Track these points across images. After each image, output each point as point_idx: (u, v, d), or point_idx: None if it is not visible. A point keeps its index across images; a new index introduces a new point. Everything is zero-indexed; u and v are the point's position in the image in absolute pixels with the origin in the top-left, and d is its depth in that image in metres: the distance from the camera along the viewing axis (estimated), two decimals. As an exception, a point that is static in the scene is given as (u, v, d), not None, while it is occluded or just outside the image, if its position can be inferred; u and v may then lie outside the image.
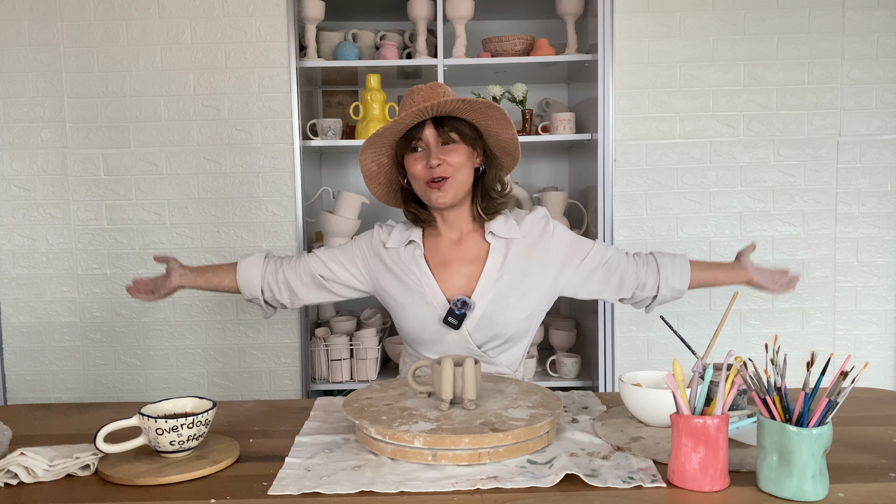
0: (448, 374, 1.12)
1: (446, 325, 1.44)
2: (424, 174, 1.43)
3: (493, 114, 1.44)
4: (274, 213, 2.32)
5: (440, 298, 1.47)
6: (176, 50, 2.28)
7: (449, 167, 1.42)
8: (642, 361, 2.35)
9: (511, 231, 1.50)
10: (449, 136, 1.44)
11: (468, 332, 1.45)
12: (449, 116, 1.44)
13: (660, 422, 1.15)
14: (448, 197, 1.44)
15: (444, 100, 1.37)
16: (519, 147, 1.51)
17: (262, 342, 2.36)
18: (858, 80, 2.32)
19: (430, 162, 1.41)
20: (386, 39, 2.51)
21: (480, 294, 1.46)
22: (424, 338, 1.48)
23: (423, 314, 1.47)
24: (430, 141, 1.43)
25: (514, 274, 1.47)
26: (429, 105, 1.37)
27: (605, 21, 2.26)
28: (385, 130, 1.43)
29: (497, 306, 1.45)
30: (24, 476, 0.99)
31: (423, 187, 1.45)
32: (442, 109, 1.40)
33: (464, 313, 1.44)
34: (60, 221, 2.32)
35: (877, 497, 0.91)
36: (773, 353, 0.97)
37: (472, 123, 1.46)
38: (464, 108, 1.41)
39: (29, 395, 2.37)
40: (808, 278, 2.36)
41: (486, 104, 1.40)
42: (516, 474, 0.98)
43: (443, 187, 1.43)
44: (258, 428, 1.22)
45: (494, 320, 1.45)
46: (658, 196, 2.33)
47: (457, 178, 1.44)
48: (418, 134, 1.44)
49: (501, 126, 1.47)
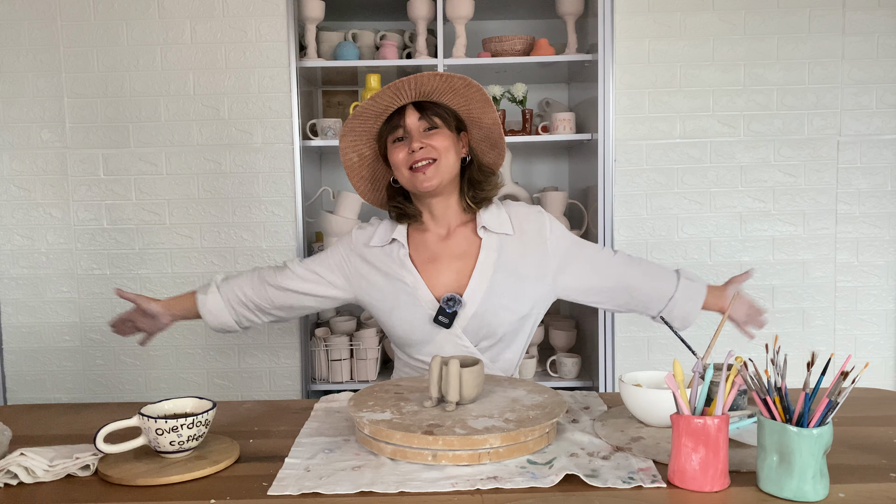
0: (454, 374, 1.11)
1: (437, 325, 1.41)
2: (407, 159, 1.39)
3: (473, 94, 1.40)
4: (274, 213, 2.32)
5: (428, 297, 1.43)
6: (176, 50, 2.28)
7: (434, 150, 1.39)
8: (642, 361, 2.35)
9: (503, 226, 1.46)
10: (432, 121, 1.40)
11: (460, 331, 1.42)
12: (431, 102, 1.42)
13: (660, 422, 1.15)
14: (434, 180, 1.39)
15: (421, 74, 1.33)
16: (503, 135, 1.47)
17: (262, 342, 2.36)
18: (859, 80, 2.31)
19: (413, 146, 1.38)
20: (386, 39, 2.51)
21: (472, 291, 1.42)
22: (415, 339, 1.44)
23: (412, 315, 1.43)
24: (412, 126, 1.40)
25: (507, 272, 1.43)
26: (405, 81, 1.33)
27: (605, 21, 2.26)
28: (362, 111, 1.39)
29: (489, 305, 1.41)
30: (24, 476, 0.99)
31: (408, 174, 1.41)
32: (421, 89, 1.37)
33: (455, 311, 1.40)
34: (60, 221, 2.32)
35: (877, 497, 0.91)
36: (773, 354, 0.97)
37: (456, 113, 1.44)
38: (444, 87, 1.38)
39: (29, 395, 2.37)
40: (809, 278, 2.36)
41: (466, 83, 1.37)
42: (516, 474, 0.98)
43: (427, 171, 1.38)
44: (258, 428, 1.22)
45: (486, 320, 1.41)
46: (658, 196, 2.33)
47: (442, 161, 1.39)
48: (400, 121, 1.41)
49: (482, 109, 1.43)
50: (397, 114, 1.42)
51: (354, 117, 1.41)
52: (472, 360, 1.17)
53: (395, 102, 1.41)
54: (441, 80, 1.36)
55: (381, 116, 1.44)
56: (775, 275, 2.36)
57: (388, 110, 1.43)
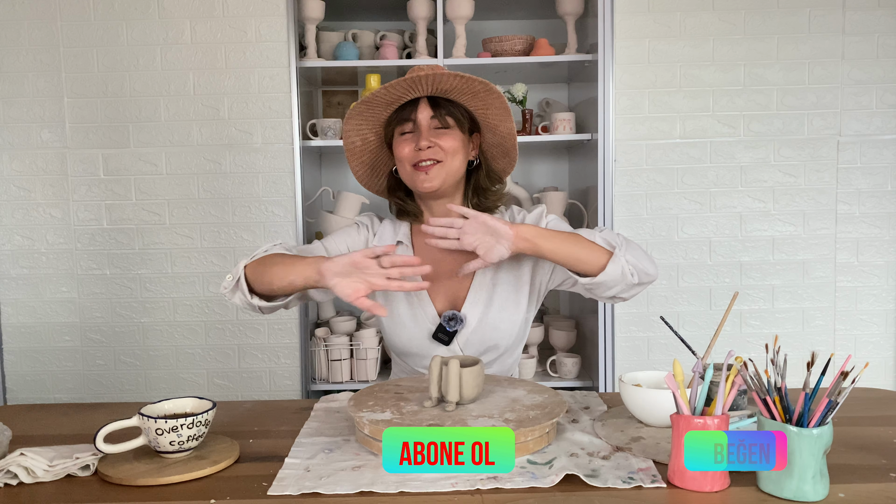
0: (454, 374, 1.11)
1: (436, 341, 1.37)
2: (412, 156, 1.32)
3: (493, 101, 1.32)
4: (274, 214, 2.32)
5: (430, 311, 1.38)
6: (176, 50, 2.28)
7: (441, 151, 1.31)
8: (642, 361, 2.35)
9: None
10: (445, 120, 1.33)
11: (459, 348, 1.39)
12: (446, 99, 1.34)
13: (660, 422, 1.15)
14: (436, 182, 1.32)
15: (442, 73, 1.25)
16: (517, 145, 1.40)
17: (262, 342, 2.36)
18: (858, 80, 2.31)
19: (420, 143, 1.30)
20: (386, 39, 2.51)
21: (471, 304, 1.38)
22: (412, 352, 1.41)
23: (412, 328, 1.39)
24: (423, 122, 1.33)
25: (507, 283, 1.39)
26: (423, 75, 1.25)
27: (605, 21, 2.26)
28: (374, 98, 1.30)
29: (490, 319, 1.38)
30: (24, 476, 0.99)
31: (410, 171, 1.34)
32: (438, 86, 1.29)
33: (455, 330, 1.36)
34: (60, 221, 2.32)
35: (877, 497, 0.91)
36: (773, 354, 0.97)
37: (471, 113, 1.37)
38: (462, 87, 1.30)
39: (29, 395, 2.37)
40: (809, 278, 2.36)
41: (487, 88, 1.29)
42: (516, 474, 0.98)
43: (430, 171, 1.31)
44: (258, 428, 1.22)
45: (487, 335, 1.38)
46: (658, 196, 2.33)
47: (448, 163, 1.32)
48: (411, 114, 1.33)
49: (500, 117, 1.35)
50: (410, 104, 1.34)
51: (364, 103, 1.32)
52: (472, 360, 1.17)
53: (408, 94, 1.33)
54: (461, 80, 1.28)
55: (393, 105, 1.35)
56: (775, 275, 2.36)
57: (401, 100, 1.35)
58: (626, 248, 1.26)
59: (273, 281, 1.26)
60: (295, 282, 1.24)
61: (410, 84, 1.28)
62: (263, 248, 1.34)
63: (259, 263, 1.29)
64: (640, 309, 2.34)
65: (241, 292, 1.29)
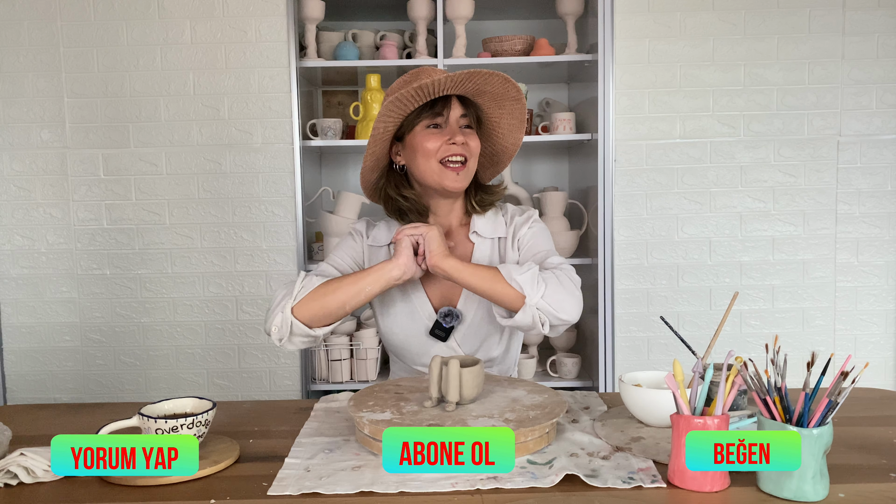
0: (454, 374, 1.11)
1: (433, 338, 1.38)
2: (443, 151, 1.32)
3: (516, 110, 1.36)
4: (274, 213, 2.32)
5: (427, 308, 1.39)
6: (176, 50, 2.28)
7: (469, 150, 1.34)
8: (642, 361, 2.35)
9: (497, 230, 1.42)
10: (473, 120, 1.36)
11: (457, 344, 1.40)
12: (469, 100, 1.36)
13: (660, 422, 1.15)
14: (465, 183, 1.35)
15: (491, 73, 1.27)
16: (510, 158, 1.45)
17: (262, 342, 2.36)
18: (858, 80, 2.32)
19: (456, 139, 1.31)
20: (386, 39, 2.52)
21: (466, 299, 1.39)
22: (410, 349, 1.42)
23: (409, 325, 1.40)
24: (454, 120, 1.34)
25: None
26: (476, 72, 1.26)
27: (605, 21, 2.26)
28: (415, 93, 1.27)
29: (484, 313, 1.39)
30: (24, 476, 0.99)
31: (438, 167, 1.33)
32: (467, 88, 1.31)
33: (452, 326, 1.37)
34: (60, 221, 2.32)
35: (877, 497, 0.91)
36: (773, 354, 0.97)
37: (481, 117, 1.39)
38: (494, 91, 1.32)
39: (29, 395, 2.37)
40: (809, 278, 2.36)
41: (517, 97, 1.31)
42: (516, 474, 0.98)
43: (460, 172, 1.33)
44: (258, 428, 1.22)
45: (483, 329, 1.39)
46: (658, 196, 2.33)
47: (470, 164, 1.35)
48: (443, 110, 1.33)
49: (513, 126, 1.39)
50: (441, 100, 1.34)
51: (400, 99, 1.28)
52: (472, 360, 1.17)
53: (446, 90, 1.32)
54: (505, 82, 1.30)
55: (427, 96, 1.33)
56: (775, 275, 2.36)
57: (434, 94, 1.33)
58: (545, 289, 1.24)
59: (346, 301, 1.29)
60: (373, 291, 1.30)
61: (459, 79, 1.27)
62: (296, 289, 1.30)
63: (312, 298, 1.29)
64: (640, 309, 2.34)
65: (299, 335, 1.30)
